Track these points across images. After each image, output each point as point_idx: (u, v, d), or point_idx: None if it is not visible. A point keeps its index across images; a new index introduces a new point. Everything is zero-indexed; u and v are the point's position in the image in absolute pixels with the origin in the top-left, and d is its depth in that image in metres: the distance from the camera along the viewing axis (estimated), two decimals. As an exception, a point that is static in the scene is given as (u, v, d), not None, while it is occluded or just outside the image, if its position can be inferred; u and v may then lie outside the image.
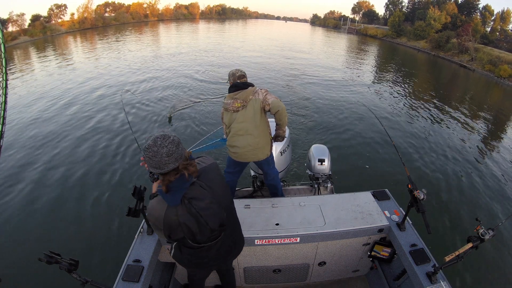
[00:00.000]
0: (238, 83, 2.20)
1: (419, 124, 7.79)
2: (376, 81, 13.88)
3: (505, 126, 9.33)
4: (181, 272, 2.15)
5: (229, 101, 2.17)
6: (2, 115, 1.10)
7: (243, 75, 2.30)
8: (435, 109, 9.54)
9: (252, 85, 2.20)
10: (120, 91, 8.95)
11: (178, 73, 12.22)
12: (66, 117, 7.44)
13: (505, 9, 33.26)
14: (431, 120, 8.29)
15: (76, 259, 1.30)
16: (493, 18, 34.33)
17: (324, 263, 2.11)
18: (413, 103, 10.17)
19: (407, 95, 11.38)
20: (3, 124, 1.11)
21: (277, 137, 2.34)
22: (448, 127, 7.81)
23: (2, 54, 1.08)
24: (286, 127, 2.88)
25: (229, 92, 2.21)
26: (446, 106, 10.18)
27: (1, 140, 1.12)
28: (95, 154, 5.49)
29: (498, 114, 10.67)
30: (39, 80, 11.48)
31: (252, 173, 2.92)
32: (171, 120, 6.99)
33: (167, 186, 1.11)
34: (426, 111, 9.22)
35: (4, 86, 1.14)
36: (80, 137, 6.20)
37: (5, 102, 1.12)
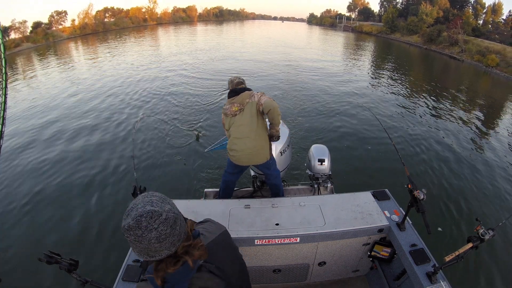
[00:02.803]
0: (236, 89, 2.29)
1: (418, 123, 7.78)
2: (373, 77, 14.02)
3: (502, 121, 9.31)
4: None
5: (228, 106, 2.26)
6: (2, 115, 1.10)
7: (241, 82, 2.39)
8: (432, 106, 9.57)
9: (249, 89, 2.28)
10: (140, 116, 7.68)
11: (180, 75, 12.28)
12: (73, 109, 7.50)
13: (497, 2, 34.22)
14: (430, 118, 8.28)
15: (76, 259, 1.30)
16: (484, 11, 35.15)
17: (324, 263, 2.11)
18: (411, 99, 10.24)
19: (404, 91, 11.48)
20: (3, 124, 1.11)
21: (272, 137, 2.36)
22: (447, 126, 7.80)
23: (2, 55, 1.07)
24: (286, 128, 2.91)
25: (228, 98, 2.30)
26: (442, 102, 10.27)
27: (1, 140, 1.12)
28: (95, 154, 5.49)
29: (493, 108, 10.75)
30: (40, 87, 11.57)
31: (252, 173, 2.92)
32: (199, 138, 6.10)
33: (162, 278, 0.78)
34: (423, 108, 9.24)
35: (4, 86, 1.14)
36: (80, 136, 6.21)
37: (5, 102, 1.12)
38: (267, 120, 2.32)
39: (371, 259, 2.13)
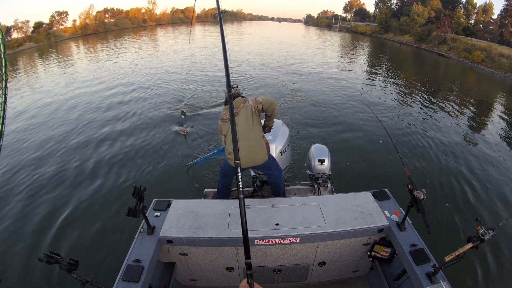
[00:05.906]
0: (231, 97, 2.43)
1: (418, 122, 7.77)
2: (369, 76, 14.21)
3: (496, 118, 9.31)
4: (181, 272, 2.15)
5: (224, 112, 2.42)
6: (2, 115, 1.09)
7: (237, 92, 2.55)
8: (428, 104, 9.62)
9: (242, 97, 2.47)
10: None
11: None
12: (73, 113, 7.49)
13: (487, 2, 34.79)
14: (427, 117, 8.27)
15: (76, 259, 1.31)
16: (475, 11, 35.95)
17: (324, 263, 2.11)
18: (407, 98, 10.34)
19: (400, 89, 11.59)
20: (3, 124, 1.11)
21: (265, 127, 2.50)
22: (446, 125, 7.79)
23: (2, 54, 1.07)
24: (286, 128, 2.93)
25: (224, 106, 2.49)
26: (436, 99, 10.40)
27: (1, 140, 1.12)
28: (95, 154, 5.49)
29: (485, 104, 10.86)
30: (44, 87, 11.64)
31: (252, 173, 2.92)
32: (184, 114, 7.25)
33: None
34: (420, 106, 9.28)
35: (4, 86, 1.14)
36: (79, 136, 6.21)
37: (5, 102, 1.11)
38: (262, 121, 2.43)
39: (371, 259, 2.12)
